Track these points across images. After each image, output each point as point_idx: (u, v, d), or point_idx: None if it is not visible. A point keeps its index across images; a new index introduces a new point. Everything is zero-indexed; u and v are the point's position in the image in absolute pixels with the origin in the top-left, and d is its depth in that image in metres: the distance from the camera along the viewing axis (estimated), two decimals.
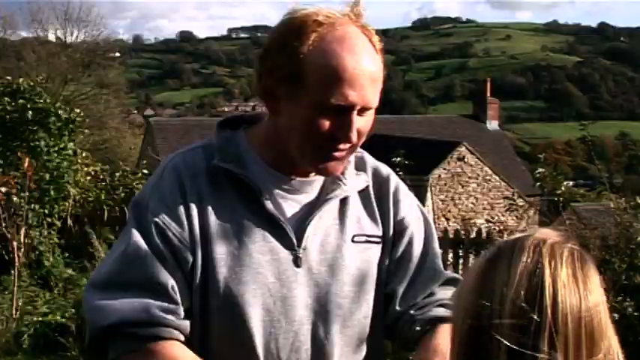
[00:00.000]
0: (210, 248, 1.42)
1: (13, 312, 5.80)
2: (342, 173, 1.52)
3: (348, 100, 1.37)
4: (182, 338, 1.41)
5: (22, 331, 5.46)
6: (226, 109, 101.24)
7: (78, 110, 8.72)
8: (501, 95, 45.19)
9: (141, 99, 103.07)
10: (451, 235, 7.91)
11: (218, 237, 1.43)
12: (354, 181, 1.54)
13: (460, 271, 7.50)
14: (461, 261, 7.73)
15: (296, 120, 1.41)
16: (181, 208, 1.43)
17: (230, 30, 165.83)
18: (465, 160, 21.86)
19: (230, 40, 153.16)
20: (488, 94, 27.74)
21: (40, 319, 5.56)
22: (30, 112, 7.58)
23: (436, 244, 1.63)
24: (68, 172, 7.63)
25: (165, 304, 1.39)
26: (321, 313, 1.47)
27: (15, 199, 6.74)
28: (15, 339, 5.42)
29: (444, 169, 21.57)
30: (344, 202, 1.53)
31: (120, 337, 1.37)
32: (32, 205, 6.98)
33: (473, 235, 8.09)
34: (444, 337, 1.49)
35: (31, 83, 8.08)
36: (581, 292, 0.97)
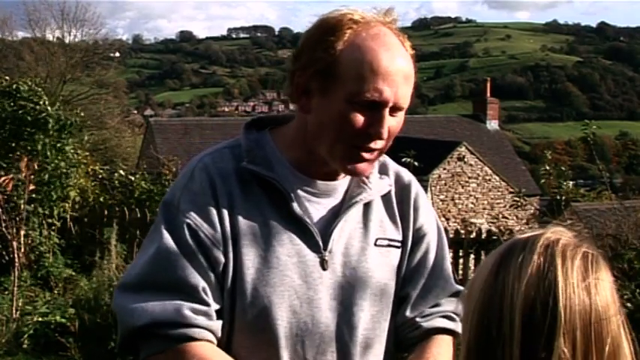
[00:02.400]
0: (239, 250, 1.44)
1: (13, 312, 5.80)
2: (367, 177, 1.53)
3: (383, 95, 1.38)
4: (213, 339, 1.42)
5: (22, 331, 5.46)
6: (226, 109, 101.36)
7: (79, 110, 8.71)
8: (501, 95, 45.20)
9: (141, 99, 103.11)
10: (451, 235, 7.91)
11: (247, 239, 1.44)
12: (378, 185, 1.55)
13: (460, 271, 7.50)
14: (461, 261, 7.73)
15: (328, 115, 1.41)
16: (213, 209, 1.44)
17: (230, 30, 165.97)
18: (465, 160, 21.85)
19: (230, 40, 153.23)
20: (488, 94, 27.73)
21: (40, 319, 5.55)
22: (29, 115, 7.57)
23: (447, 254, 1.65)
24: (67, 174, 7.62)
25: (197, 306, 1.40)
26: (345, 314, 1.48)
27: (16, 199, 6.74)
28: (15, 339, 5.41)
29: (444, 169, 21.56)
30: (368, 205, 1.54)
31: (151, 337, 1.40)
32: (32, 206, 6.98)
33: (473, 235, 8.08)
34: (439, 347, 1.53)
35: (30, 84, 8.06)
36: (592, 298, 0.96)
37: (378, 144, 1.43)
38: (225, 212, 1.44)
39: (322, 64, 1.40)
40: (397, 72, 1.39)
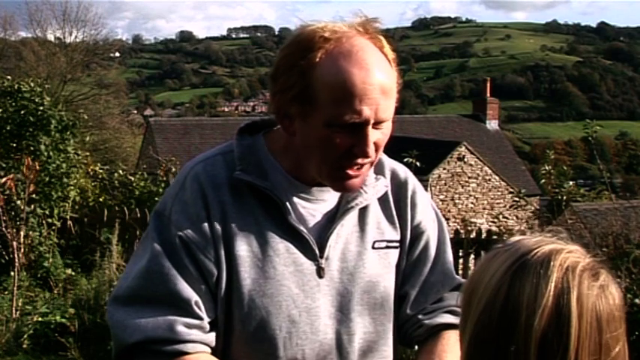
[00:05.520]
0: (234, 260, 1.41)
1: (13, 312, 5.80)
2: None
3: (362, 116, 1.33)
4: (208, 350, 1.41)
5: (22, 331, 5.46)
6: (226, 109, 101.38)
7: (81, 111, 8.72)
8: (501, 95, 45.18)
9: (141, 99, 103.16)
10: (451, 235, 7.90)
11: (242, 249, 1.41)
12: (374, 188, 1.52)
13: (460, 271, 7.50)
14: (461, 261, 7.73)
15: (311, 139, 1.38)
16: (205, 221, 1.41)
17: (230, 30, 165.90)
18: (465, 160, 21.86)
19: (229, 40, 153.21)
20: (488, 94, 27.74)
21: (40, 319, 5.55)
22: (31, 116, 7.56)
23: (448, 248, 1.62)
24: (68, 174, 7.62)
25: (190, 320, 1.38)
26: (344, 321, 1.47)
27: (16, 199, 6.74)
28: (15, 339, 5.41)
29: (444, 169, 21.57)
30: (364, 209, 1.51)
31: (145, 353, 1.37)
32: (32, 206, 6.98)
33: (473, 235, 8.08)
34: (447, 344, 1.50)
35: (32, 84, 8.06)
36: (603, 331, 0.97)
37: (365, 160, 1.41)
38: (218, 224, 1.41)
39: (297, 90, 1.35)
40: (374, 89, 1.33)
